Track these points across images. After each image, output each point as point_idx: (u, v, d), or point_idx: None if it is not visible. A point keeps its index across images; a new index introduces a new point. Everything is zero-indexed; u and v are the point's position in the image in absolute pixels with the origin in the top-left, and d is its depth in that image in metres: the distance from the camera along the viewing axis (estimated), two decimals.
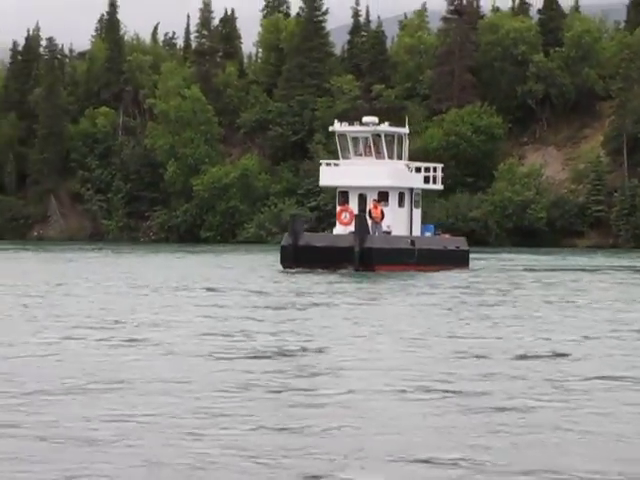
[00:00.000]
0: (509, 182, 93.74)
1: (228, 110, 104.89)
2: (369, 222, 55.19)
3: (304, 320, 29.50)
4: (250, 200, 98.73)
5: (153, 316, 28.05)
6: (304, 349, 21.92)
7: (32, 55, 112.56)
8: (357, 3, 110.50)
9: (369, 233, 54.77)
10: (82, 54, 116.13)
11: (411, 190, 58.75)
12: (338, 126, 60.82)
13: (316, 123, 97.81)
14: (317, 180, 63.68)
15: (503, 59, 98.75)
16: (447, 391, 16.06)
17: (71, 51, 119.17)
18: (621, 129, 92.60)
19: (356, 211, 57.03)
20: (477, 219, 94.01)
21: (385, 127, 59.83)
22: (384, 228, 55.93)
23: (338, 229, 57.19)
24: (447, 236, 63.09)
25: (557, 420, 13.72)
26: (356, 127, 59.94)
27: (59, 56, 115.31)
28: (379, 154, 58.85)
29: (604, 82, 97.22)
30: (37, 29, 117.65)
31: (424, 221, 61.90)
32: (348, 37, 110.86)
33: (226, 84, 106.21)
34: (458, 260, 57.93)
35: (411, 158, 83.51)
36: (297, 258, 54.04)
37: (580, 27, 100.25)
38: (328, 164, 63.33)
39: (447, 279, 47.70)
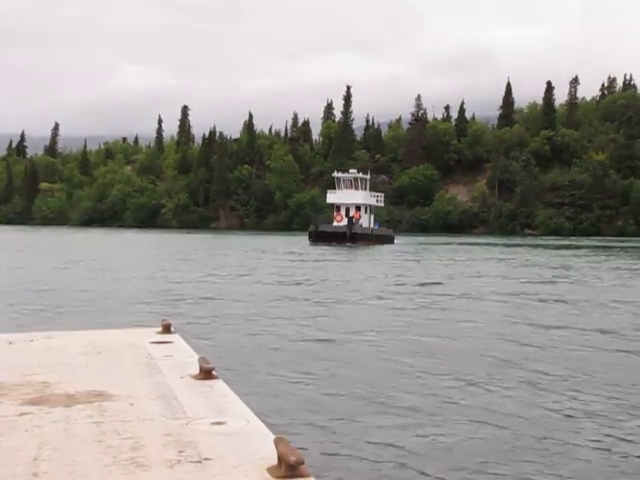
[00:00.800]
0: (440, 202, 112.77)
1: (304, 166, 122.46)
2: (353, 221, 72.44)
3: (323, 266, 40.78)
4: (314, 210, 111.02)
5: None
6: (321, 279, 31.21)
7: (211, 141, 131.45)
8: (367, 116, 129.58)
9: (353, 225, 70.95)
10: (235, 140, 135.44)
11: (370, 205, 77.78)
12: (336, 173, 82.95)
13: None
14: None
15: (437, 143, 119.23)
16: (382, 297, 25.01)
17: (228, 137, 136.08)
18: (494, 178, 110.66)
19: (344, 215, 75.68)
20: (425, 220, 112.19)
21: (358, 175, 79.53)
22: (360, 223, 73.17)
23: (335, 224, 75.00)
24: (384, 228, 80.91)
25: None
26: (345, 174, 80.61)
27: (219, 139, 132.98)
28: (355, 188, 77.82)
29: (487, 155, 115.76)
30: (214, 128, 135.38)
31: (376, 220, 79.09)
32: (363, 131, 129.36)
33: (304, 154, 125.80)
34: (389, 239, 73.99)
35: (394, 190, 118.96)
36: (317, 237, 69.95)
37: (475, 127, 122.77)
38: (331, 192, 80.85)
39: (384, 248, 61.74)
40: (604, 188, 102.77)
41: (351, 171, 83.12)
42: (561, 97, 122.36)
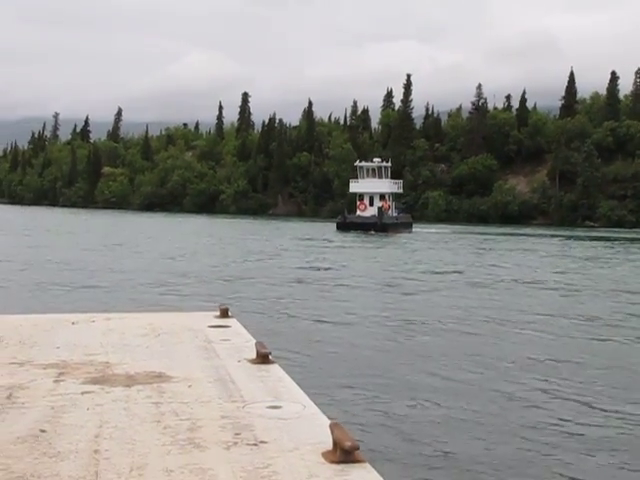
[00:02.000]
0: (499, 192, 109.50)
1: (363, 154, 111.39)
2: (382, 211, 72.94)
3: (350, 252, 42.88)
4: None
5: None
6: (342, 264, 33.87)
7: (270, 128, 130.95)
8: (427, 105, 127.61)
9: (383, 216, 71.61)
10: (294, 127, 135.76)
11: (393, 193, 79.16)
12: (358, 162, 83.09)
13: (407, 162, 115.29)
14: None
15: (497, 133, 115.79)
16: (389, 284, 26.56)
17: (288, 124, 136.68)
18: (555, 169, 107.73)
19: (367, 204, 75.66)
20: (484, 210, 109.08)
21: (382, 163, 79.89)
22: (388, 213, 73.85)
23: (359, 213, 75.31)
24: (404, 214, 79.57)
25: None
26: (367, 163, 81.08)
27: (279, 127, 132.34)
28: (379, 176, 78.89)
29: (548, 145, 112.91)
30: (274, 115, 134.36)
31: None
32: (422, 120, 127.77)
33: (363, 142, 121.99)
34: (409, 226, 74.97)
35: (452, 179, 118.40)
36: (345, 228, 70.08)
37: (536, 117, 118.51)
38: (354, 181, 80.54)
39: (405, 236, 64.31)
40: None
41: (375, 160, 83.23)
42: (626, 88, 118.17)
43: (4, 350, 5.08)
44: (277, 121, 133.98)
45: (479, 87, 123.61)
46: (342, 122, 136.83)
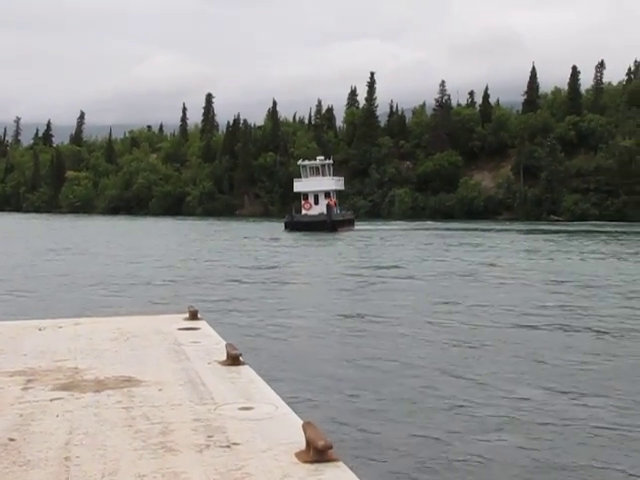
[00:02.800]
0: (464, 188, 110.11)
1: (328, 153, 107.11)
2: (331, 209, 72.76)
3: (297, 252, 43.79)
4: (338, 197, 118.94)
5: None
6: (289, 263, 34.61)
7: (235, 128, 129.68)
8: (391, 102, 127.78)
9: (333, 213, 71.81)
10: (259, 127, 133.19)
11: (336, 190, 79.36)
12: (301, 161, 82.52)
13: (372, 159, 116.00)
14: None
15: (462, 129, 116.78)
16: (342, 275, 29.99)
17: (252, 125, 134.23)
18: (519, 164, 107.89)
19: (312, 203, 75.05)
20: (450, 207, 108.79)
21: (325, 161, 79.57)
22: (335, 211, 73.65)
23: (304, 212, 74.33)
24: (347, 212, 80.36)
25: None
26: (311, 162, 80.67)
27: (244, 127, 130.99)
28: (322, 174, 78.42)
29: (512, 140, 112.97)
30: (238, 116, 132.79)
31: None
32: (387, 118, 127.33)
33: (328, 141, 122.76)
34: (353, 222, 75.40)
35: (418, 176, 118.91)
36: (293, 227, 69.09)
37: (499, 112, 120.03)
38: (297, 180, 79.76)
39: (352, 234, 64.43)
40: (630, 173, 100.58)
41: (319, 158, 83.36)
42: (587, 82, 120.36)
43: None
44: (242, 121, 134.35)
45: (442, 84, 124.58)
46: (307, 121, 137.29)
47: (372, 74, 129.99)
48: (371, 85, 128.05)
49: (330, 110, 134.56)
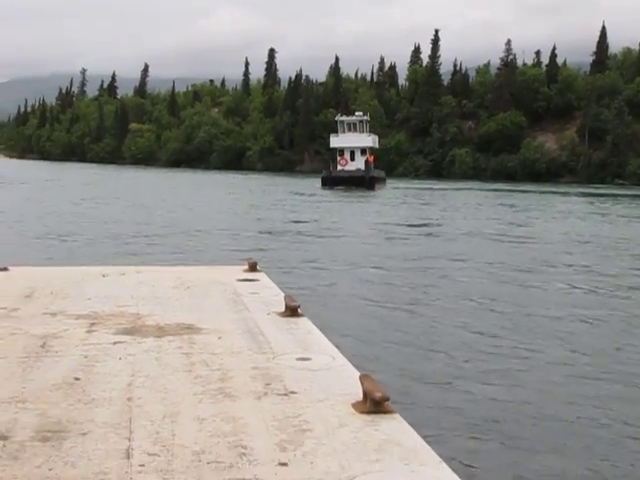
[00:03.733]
0: (527, 150, 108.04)
1: (390, 111, 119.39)
2: (369, 165, 71.63)
3: (341, 206, 44.05)
4: (399, 155, 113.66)
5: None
6: (327, 218, 34.61)
7: (297, 84, 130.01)
8: (455, 61, 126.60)
9: (371, 170, 70.59)
10: (321, 84, 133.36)
11: (372, 147, 77.65)
12: (339, 116, 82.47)
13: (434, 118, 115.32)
14: None
15: (526, 89, 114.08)
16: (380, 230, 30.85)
17: (314, 81, 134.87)
18: (584, 126, 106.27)
19: (348, 159, 73.78)
20: (512, 168, 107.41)
21: (364, 117, 79.08)
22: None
23: (340, 167, 73.10)
24: (379, 169, 77.41)
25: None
26: (349, 117, 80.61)
27: (305, 83, 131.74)
28: (360, 130, 77.76)
29: (578, 102, 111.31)
30: (300, 72, 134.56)
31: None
32: (450, 77, 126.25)
33: (390, 99, 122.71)
34: (384, 181, 74.44)
35: (480, 137, 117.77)
36: (332, 182, 68.30)
37: (566, 73, 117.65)
38: (334, 135, 79.14)
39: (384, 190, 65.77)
40: None
41: (357, 114, 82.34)
42: None
43: (36, 301, 5.15)
44: (304, 77, 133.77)
45: (508, 43, 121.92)
46: (369, 79, 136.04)
47: (436, 31, 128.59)
48: (435, 43, 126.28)
49: (393, 68, 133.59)
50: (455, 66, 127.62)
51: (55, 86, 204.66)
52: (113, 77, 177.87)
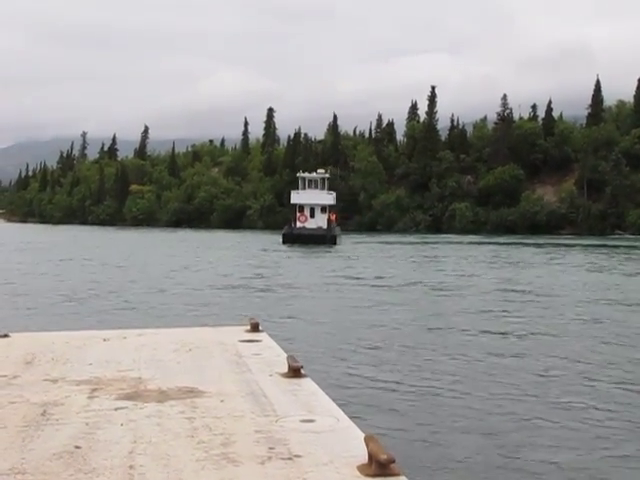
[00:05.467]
0: (526, 202, 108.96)
1: (389, 167, 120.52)
2: (331, 223, 72.14)
3: (301, 263, 44.10)
4: (399, 211, 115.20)
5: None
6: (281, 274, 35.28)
7: (296, 142, 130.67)
8: (452, 116, 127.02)
9: (333, 229, 71.01)
10: (320, 141, 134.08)
11: (331, 205, 77.34)
12: (300, 173, 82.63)
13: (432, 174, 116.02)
14: None
15: (524, 142, 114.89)
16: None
17: (313, 139, 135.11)
18: (582, 177, 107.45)
19: (308, 216, 73.66)
20: (511, 221, 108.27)
21: (325, 175, 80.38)
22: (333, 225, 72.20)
23: (299, 225, 72.68)
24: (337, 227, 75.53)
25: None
26: (311, 174, 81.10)
27: (304, 141, 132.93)
28: (321, 188, 78.19)
29: (575, 154, 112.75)
30: (299, 130, 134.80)
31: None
32: (447, 132, 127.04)
33: (388, 155, 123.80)
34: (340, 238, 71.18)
35: (479, 190, 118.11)
36: (293, 240, 67.48)
37: (562, 126, 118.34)
38: (295, 192, 78.36)
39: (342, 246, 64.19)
40: None
41: (319, 171, 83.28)
42: None
43: (37, 367, 5.12)
44: (302, 135, 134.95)
45: (504, 97, 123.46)
46: (367, 135, 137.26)
47: (433, 88, 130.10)
48: (432, 99, 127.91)
49: (391, 124, 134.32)
50: (452, 121, 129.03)
51: (56, 150, 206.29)
52: (113, 140, 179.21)
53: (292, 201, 78.20)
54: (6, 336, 6.28)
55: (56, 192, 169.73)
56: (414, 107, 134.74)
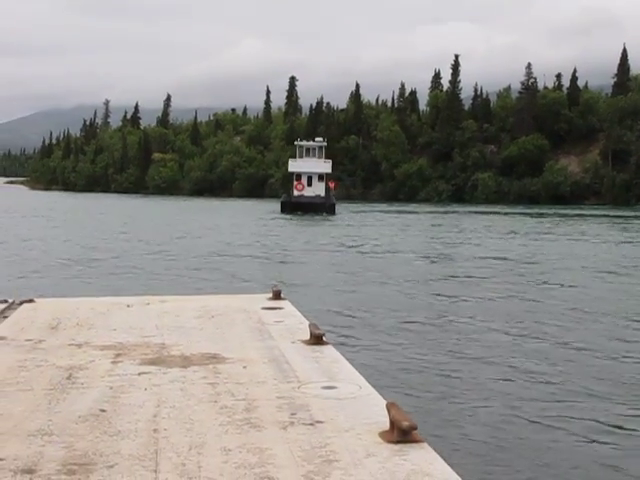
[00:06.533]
0: (550, 173, 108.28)
1: (411, 136, 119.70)
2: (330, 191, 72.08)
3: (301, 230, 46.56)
4: (421, 180, 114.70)
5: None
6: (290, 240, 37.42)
7: (318, 111, 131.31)
8: (476, 85, 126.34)
9: (331, 197, 70.82)
10: (342, 110, 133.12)
11: (328, 173, 76.76)
12: (298, 141, 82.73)
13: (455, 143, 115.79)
14: None
15: (548, 112, 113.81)
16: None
17: (335, 108, 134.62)
18: (607, 148, 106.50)
19: (305, 184, 73.73)
20: (535, 191, 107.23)
21: (323, 143, 79.88)
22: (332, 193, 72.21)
23: (297, 193, 73.08)
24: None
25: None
26: (309, 142, 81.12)
27: (327, 110, 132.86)
28: (319, 156, 77.58)
29: (600, 124, 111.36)
30: (322, 99, 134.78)
31: None
32: (471, 101, 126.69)
33: (411, 124, 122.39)
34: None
35: (502, 160, 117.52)
36: (292, 208, 67.97)
37: (587, 95, 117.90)
38: (293, 160, 78.59)
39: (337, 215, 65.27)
40: None
41: (317, 139, 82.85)
42: None
43: (62, 332, 5.18)
44: (325, 104, 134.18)
45: (529, 67, 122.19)
46: (390, 104, 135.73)
47: (456, 57, 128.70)
48: (455, 68, 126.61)
49: (413, 93, 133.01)
50: (476, 90, 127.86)
51: (79, 118, 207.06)
52: (136, 108, 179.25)
53: (289, 169, 78.28)
54: (31, 301, 6.34)
55: (79, 160, 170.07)
56: (437, 76, 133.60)
